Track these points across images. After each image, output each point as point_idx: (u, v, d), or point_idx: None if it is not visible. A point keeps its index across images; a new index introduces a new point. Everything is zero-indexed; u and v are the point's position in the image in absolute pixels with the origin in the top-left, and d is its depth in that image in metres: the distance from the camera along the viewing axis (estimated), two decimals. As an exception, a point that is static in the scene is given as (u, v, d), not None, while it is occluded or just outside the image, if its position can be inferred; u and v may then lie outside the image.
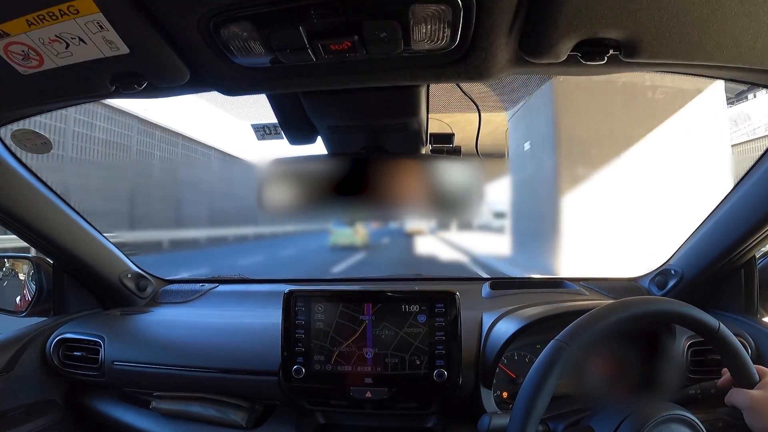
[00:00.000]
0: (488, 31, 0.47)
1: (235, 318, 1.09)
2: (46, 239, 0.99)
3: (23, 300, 1.12)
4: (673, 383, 0.88)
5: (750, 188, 0.85)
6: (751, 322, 0.93)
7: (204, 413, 0.95)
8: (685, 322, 0.65)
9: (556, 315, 0.88)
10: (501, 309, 0.97)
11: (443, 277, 1.38)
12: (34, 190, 0.92)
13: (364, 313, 0.89)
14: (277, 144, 0.86)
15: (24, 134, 0.82)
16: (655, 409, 0.61)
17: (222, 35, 0.47)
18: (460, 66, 0.53)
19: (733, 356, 0.64)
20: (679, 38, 0.48)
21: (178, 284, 1.30)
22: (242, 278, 1.38)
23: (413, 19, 0.45)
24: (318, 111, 0.69)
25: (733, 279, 0.98)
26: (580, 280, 1.19)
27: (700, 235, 0.98)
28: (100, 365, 1.02)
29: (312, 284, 1.26)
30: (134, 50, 0.51)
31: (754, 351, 0.89)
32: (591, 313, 0.62)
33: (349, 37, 0.47)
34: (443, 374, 0.86)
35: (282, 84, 0.58)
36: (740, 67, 0.55)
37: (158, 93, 0.62)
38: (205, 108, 12.10)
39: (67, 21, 0.47)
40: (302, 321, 0.90)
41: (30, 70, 0.55)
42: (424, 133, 0.77)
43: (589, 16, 0.45)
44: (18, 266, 1.14)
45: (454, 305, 0.87)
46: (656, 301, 0.73)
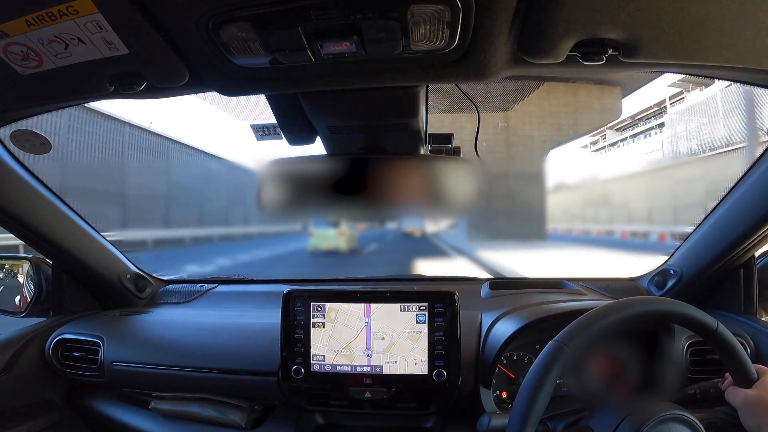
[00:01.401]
0: (487, 31, 0.47)
1: (235, 318, 1.08)
2: (45, 240, 0.99)
3: (23, 300, 1.12)
4: (673, 383, 0.88)
5: (749, 188, 0.85)
6: (750, 322, 0.93)
7: (203, 414, 0.95)
8: (683, 321, 0.65)
9: (556, 315, 0.88)
10: (500, 309, 0.97)
11: (442, 278, 1.38)
12: (33, 190, 0.92)
13: (364, 314, 0.89)
14: (268, 144, 0.85)
15: (23, 135, 0.82)
16: (654, 408, 0.61)
17: (221, 35, 0.47)
18: (459, 66, 0.53)
19: (731, 355, 0.64)
20: (679, 38, 0.48)
21: (177, 285, 1.29)
22: (241, 278, 1.38)
23: (412, 20, 0.45)
24: (317, 111, 0.70)
25: (732, 279, 0.98)
26: (580, 280, 1.19)
27: (699, 234, 0.98)
28: (100, 365, 1.01)
29: (311, 284, 1.26)
30: (133, 51, 0.51)
31: (753, 350, 0.89)
32: (590, 313, 0.62)
33: (349, 37, 0.47)
34: (442, 374, 0.86)
35: (281, 84, 0.58)
36: (740, 67, 0.55)
37: (157, 93, 0.62)
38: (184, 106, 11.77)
39: (66, 21, 0.47)
40: (301, 321, 0.90)
41: (29, 71, 0.55)
42: (423, 133, 0.77)
43: (588, 17, 0.45)
44: (17, 267, 1.14)
45: (454, 305, 0.87)
46: (655, 301, 0.73)
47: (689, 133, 5.82)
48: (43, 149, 0.84)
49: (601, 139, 7.51)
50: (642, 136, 7.11)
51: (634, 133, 7.20)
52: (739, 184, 0.87)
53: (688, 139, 5.91)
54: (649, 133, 6.97)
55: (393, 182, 0.70)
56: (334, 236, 9.24)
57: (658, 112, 6.58)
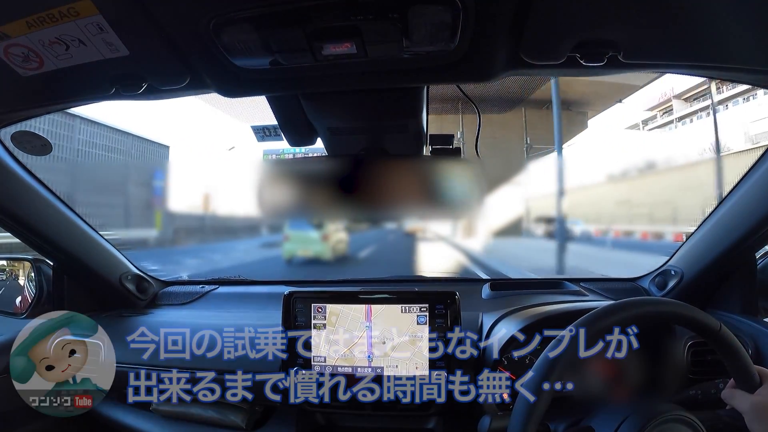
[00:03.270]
0: (487, 32, 0.47)
1: (235, 320, 1.08)
2: (46, 241, 0.99)
3: (23, 302, 1.12)
4: (674, 384, 0.87)
5: (750, 188, 0.85)
6: (751, 323, 0.93)
7: (204, 415, 0.95)
8: (685, 323, 0.64)
9: (556, 316, 0.87)
10: (501, 310, 0.97)
11: (443, 278, 1.38)
12: (34, 191, 0.92)
13: (365, 315, 0.89)
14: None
15: (24, 136, 0.82)
16: (655, 409, 0.61)
17: (222, 37, 0.47)
18: (459, 67, 0.53)
19: (733, 357, 0.64)
20: (679, 39, 0.48)
21: (178, 286, 1.29)
22: (242, 280, 1.38)
23: (412, 21, 0.45)
24: (318, 112, 0.69)
25: (733, 279, 0.98)
26: (580, 280, 1.19)
27: (701, 235, 0.98)
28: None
29: (312, 286, 1.25)
30: (134, 52, 0.51)
31: (754, 351, 0.89)
32: (592, 313, 0.62)
33: (349, 39, 0.47)
34: (443, 375, 0.85)
35: (282, 86, 0.58)
36: (739, 68, 0.55)
37: (158, 95, 0.62)
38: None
39: (67, 23, 0.47)
40: (302, 322, 0.90)
41: (30, 72, 0.55)
42: (423, 134, 0.77)
43: (588, 18, 0.45)
44: (18, 268, 1.14)
45: (455, 306, 0.87)
46: (656, 302, 0.73)
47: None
48: (44, 150, 0.84)
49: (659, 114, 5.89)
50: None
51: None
52: (740, 184, 0.87)
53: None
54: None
55: (394, 183, 0.70)
56: (317, 240, 7.21)
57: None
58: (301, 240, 7.18)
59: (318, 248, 7.14)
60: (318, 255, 7.10)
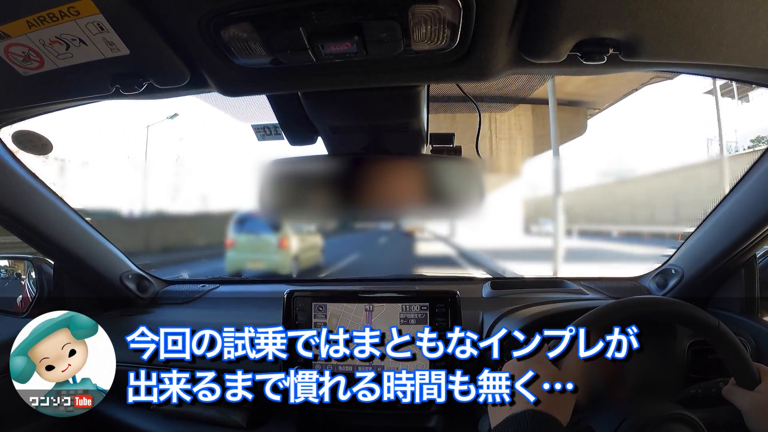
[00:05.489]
0: (488, 31, 0.47)
1: (235, 319, 1.08)
2: (46, 240, 0.99)
3: (24, 301, 1.12)
4: (674, 383, 0.87)
5: (750, 187, 0.85)
6: (751, 321, 0.93)
7: (204, 413, 0.95)
8: (684, 321, 0.65)
9: (557, 315, 0.87)
10: (501, 309, 0.97)
11: (444, 277, 1.38)
12: (34, 190, 0.92)
13: (365, 314, 0.89)
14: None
15: (24, 135, 0.82)
16: (656, 408, 0.61)
17: (222, 36, 0.47)
18: (460, 66, 0.53)
19: (733, 354, 0.64)
20: (679, 38, 0.48)
21: (179, 285, 1.29)
22: (243, 279, 1.38)
23: (413, 20, 0.45)
24: (318, 111, 0.70)
25: (733, 278, 0.98)
26: (581, 279, 1.19)
27: (701, 234, 0.98)
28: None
29: (312, 285, 1.25)
30: (135, 51, 0.51)
31: (754, 350, 0.89)
32: (592, 312, 0.62)
33: (350, 37, 0.47)
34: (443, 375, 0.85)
35: (282, 85, 0.58)
36: (740, 67, 0.55)
37: (159, 94, 0.62)
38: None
39: (67, 22, 0.47)
40: (302, 322, 0.90)
41: (30, 72, 0.55)
42: (424, 133, 0.77)
43: (589, 16, 0.45)
44: (19, 267, 1.14)
45: (455, 305, 0.87)
46: (656, 301, 0.73)
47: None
48: (45, 150, 0.84)
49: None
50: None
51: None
52: (740, 183, 0.87)
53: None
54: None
55: (394, 182, 0.70)
56: (272, 247, 5.38)
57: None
58: (251, 247, 5.36)
59: (273, 258, 5.33)
60: (273, 267, 5.25)
